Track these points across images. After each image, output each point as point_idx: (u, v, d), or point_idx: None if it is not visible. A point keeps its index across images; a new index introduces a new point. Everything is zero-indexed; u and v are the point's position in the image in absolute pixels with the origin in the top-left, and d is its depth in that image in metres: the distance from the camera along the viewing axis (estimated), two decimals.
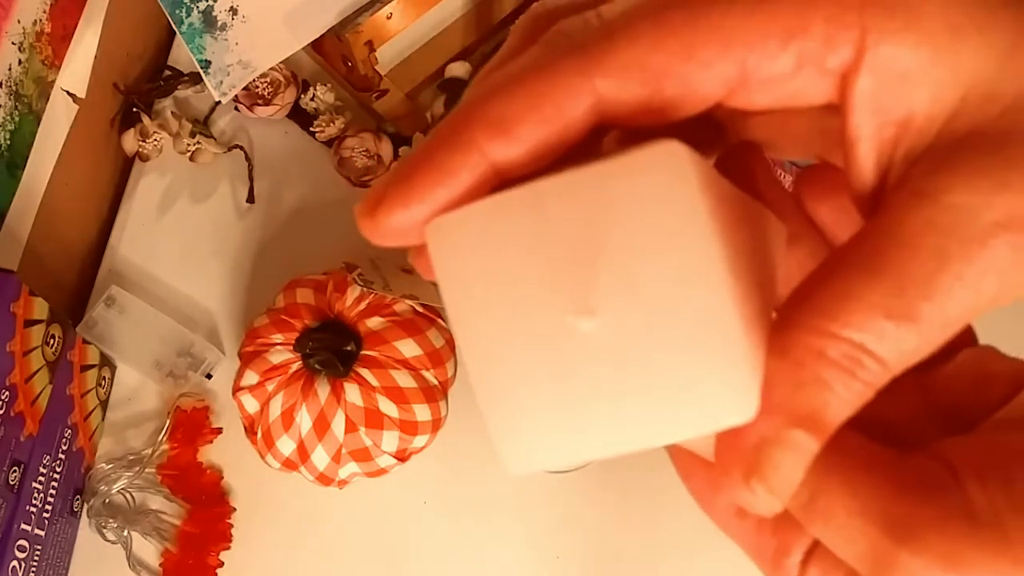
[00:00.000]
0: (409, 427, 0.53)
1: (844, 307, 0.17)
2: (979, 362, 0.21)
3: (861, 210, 0.19)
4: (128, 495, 0.59)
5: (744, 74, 0.17)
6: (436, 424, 0.54)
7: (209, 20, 0.63)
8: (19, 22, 0.56)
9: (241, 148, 0.69)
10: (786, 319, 0.17)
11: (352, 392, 0.52)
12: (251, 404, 0.54)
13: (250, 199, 0.69)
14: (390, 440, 0.53)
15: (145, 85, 0.72)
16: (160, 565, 0.58)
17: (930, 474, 0.17)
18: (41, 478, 0.53)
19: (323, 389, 0.52)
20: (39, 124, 0.60)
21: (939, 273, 0.16)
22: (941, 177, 0.17)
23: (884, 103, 0.17)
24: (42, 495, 0.53)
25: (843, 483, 0.18)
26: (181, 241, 0.68)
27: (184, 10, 0.61)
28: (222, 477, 0.60)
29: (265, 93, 0.70)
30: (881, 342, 0.16)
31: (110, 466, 0.60)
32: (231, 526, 0.59)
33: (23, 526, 0.51)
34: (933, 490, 0.17)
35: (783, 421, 0.17)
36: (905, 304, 0.16)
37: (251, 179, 0.69)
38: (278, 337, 0.54)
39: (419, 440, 0.54)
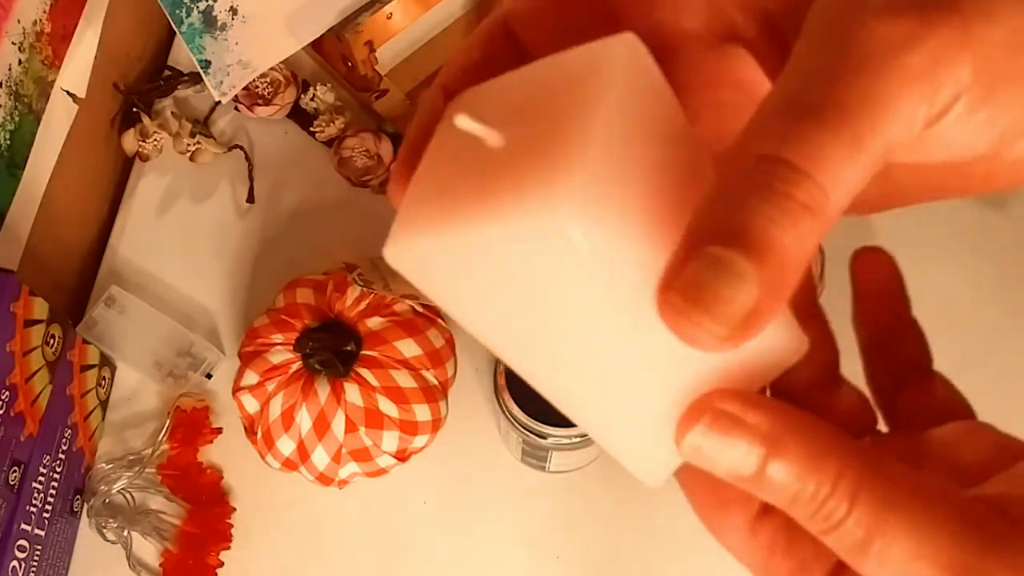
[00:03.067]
0: (409, 427, 0.53)
1: (752, 126, 0.16)
2: (969, 430, 0.21)
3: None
4: (128, 495, 0.59)
5: None
6: (436, 424, 0.54)
7: (209, 20, 0.63)
8: (19, 22, 0.56)
9: (241, 148, 0.69)
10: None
11: (352, 392, 0.52)
12: (251, 404, 0.54)
13: (250, 199, 0.69)
14: (390, 440, 0.53)
15: (145, 85, 0.72)
16: (160, 565, 0.58)
17: (992, 523, 0.17)
18: (41, 478, 0.53)
19: (323, 389, 0.52)
20: (39, 124, 0.60)
21: (825, 65, 0.16)
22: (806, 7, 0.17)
23: None
24: (42, 495, 0.53)
25: (905, 525, 0.17)
26: (181, 241, 0.68)
27: (184, 10, 0.61)
28: (222, 477, 0.60)
29: (265, 93, 0.70)
30: (789, 146, 0.15)
31: (110, 466, 0.60)
32: (231, 526, 0.59)
33: (23, 526, 0.51)
34: (999, 540, 0.16)
35: (697, 239, 0.15)
36: (796, 101, 0.15)
37: (251, 179, 0.69)
38: (278, 337, 0.54)
39: (419, 440, 0.54)
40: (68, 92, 0.62)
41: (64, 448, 0.56)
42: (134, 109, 0.70)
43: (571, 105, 0.17)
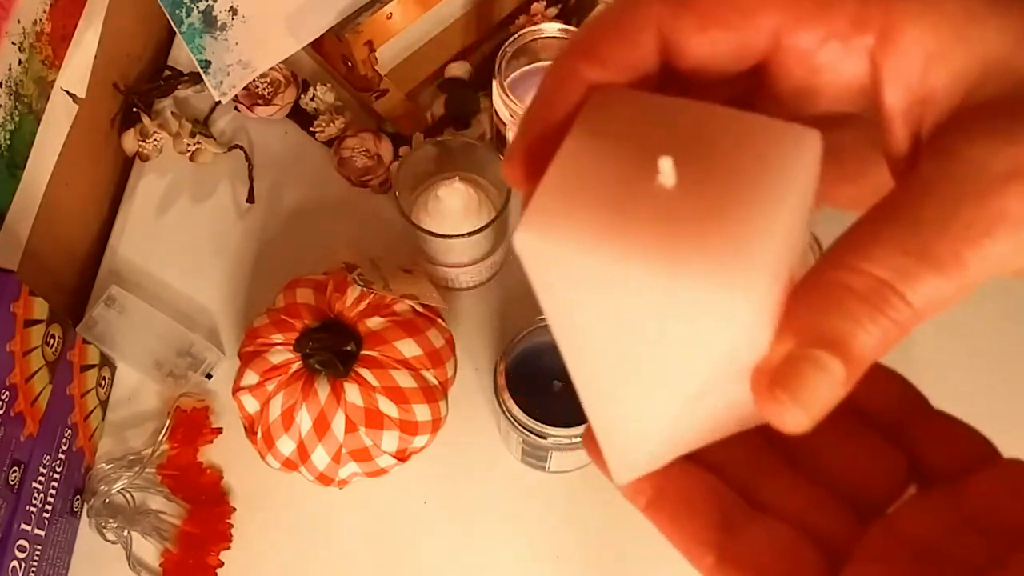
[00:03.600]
0: (409, 427, 0.53)
1: (869, 245, 0.18)
2: (1004, 478, 0.21)
3: (898, 178, 0.21)
4: (128, 495, 0.59)
5: (777, 38, 0.20)
6: (436, 424, 0.54)
7: (209, 20, 0.63)
8: (19, 22, 0.56)
9: (241, 148, 0.69)
10: (817, 264, 0.19)
11: (352, 392, 0.52)
12: (251, 404, 0.54)
13: (250, 199, 0.69)
14: (390, 440, 0.53)
15: (145, 85, 0.72)
16: (160, 565, 0.58)
17: None
18: (41, 478, 0.53)
19: (323, 389, 0.52)
20: (39, 124, 0.60)
21: (952, 215, 0.18)
22: (959, 136, 0.18)
23: (912, 82, 0.19)
24: (42, 495, 0.53)
25: None
26: (181, 241, 0.68)
27: (184, 10, 0.61)
28: (222, 477, 0.60)
29: (265, 93, 0.70)
30: (904, 280, 0.17)
31: (110, 466, 0.60)
32: (231, 526, 0.59)
33: (23, 526, 0.51)
34: None
35: (806, 340, 0.18)
36: (921, 243, 0.18)
37: (251, 179, 0.69)
38: (278, 337, 0.54)
39: (419, 440, 0.54)
40: (68, 92, 0.62)
41: (64, 448, 0.56)
42: (134, 109, 0.70)
43: (758, 187, 0.18)
